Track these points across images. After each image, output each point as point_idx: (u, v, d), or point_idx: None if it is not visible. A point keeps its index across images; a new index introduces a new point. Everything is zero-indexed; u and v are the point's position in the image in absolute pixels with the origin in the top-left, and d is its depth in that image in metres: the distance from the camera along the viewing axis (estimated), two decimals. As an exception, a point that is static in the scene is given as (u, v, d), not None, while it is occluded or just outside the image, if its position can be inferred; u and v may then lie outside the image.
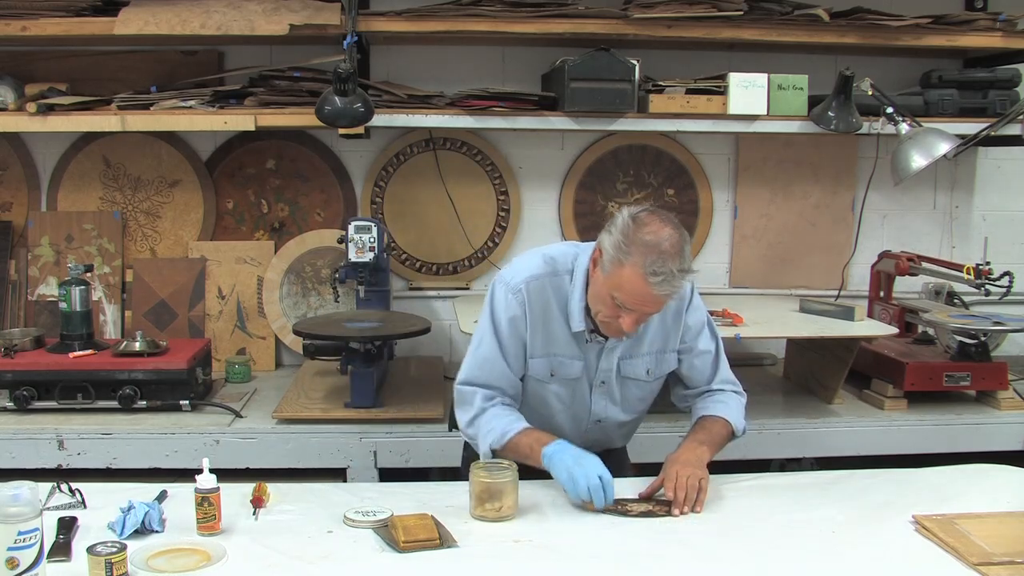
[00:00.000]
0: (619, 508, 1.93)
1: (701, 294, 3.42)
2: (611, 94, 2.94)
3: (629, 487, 2.06)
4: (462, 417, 2.11)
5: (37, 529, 1.49)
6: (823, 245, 3.63)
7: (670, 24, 2.98)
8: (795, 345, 3.33)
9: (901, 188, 3.38)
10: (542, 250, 2.11)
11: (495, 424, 2.04)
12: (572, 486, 1.91)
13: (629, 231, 1.87)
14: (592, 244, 2.00)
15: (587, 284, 2.01)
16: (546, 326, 2.05)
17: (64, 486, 1.96)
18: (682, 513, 1.92)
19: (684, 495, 1.93)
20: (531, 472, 2.13)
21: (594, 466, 1.92)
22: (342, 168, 3.48)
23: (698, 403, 2.20)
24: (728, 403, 2.18)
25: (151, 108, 3.00)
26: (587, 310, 2.02)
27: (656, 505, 1.96)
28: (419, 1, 3.03)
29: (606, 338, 2.04)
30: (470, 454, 2.21)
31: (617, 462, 2.23)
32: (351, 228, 2.99)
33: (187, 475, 1.91)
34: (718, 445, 2.11)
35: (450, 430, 2.37)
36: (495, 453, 2.03)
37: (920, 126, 3.06)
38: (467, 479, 2.00)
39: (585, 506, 1.92)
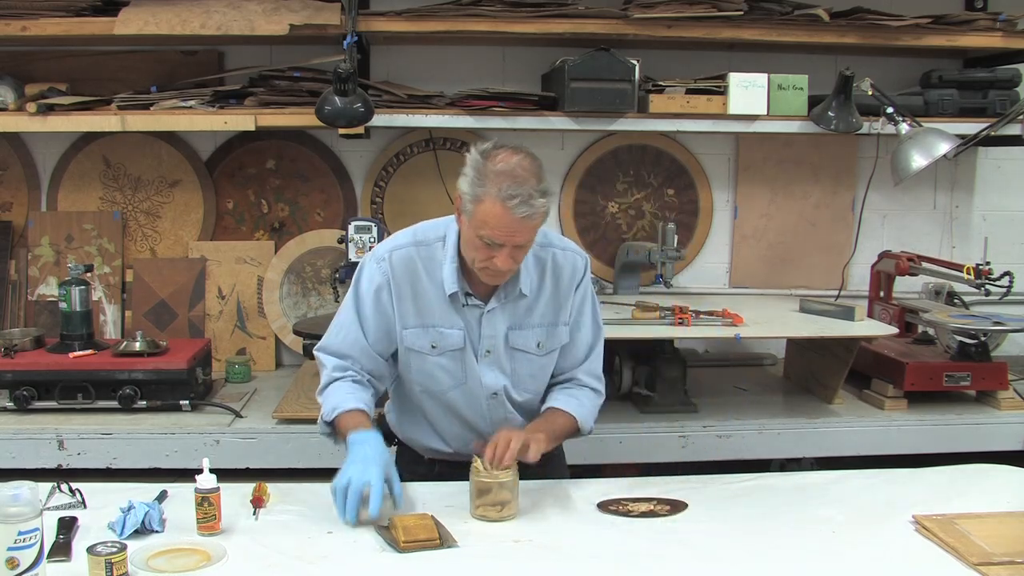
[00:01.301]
0: (620, 508, 1.93)
1: (701, 294, 3.44)
2: (611, 94, 2.94)
3: (629, 487, 2.06)
4: (319, 384, 2.09)
5: (37, 529, 1.49)
6: (823, 245, 3.63)
7: (670, 24, 2.98)
8: (795, 345, 3.33)
9: (901, 188, 3.38)
10: (416, 225, 2.09)
11: (331, 398, 2.02)
12: (337, 482, 1.84)
13: (480, 166, 1.87)
14: None
15: (459, 246, 1.98)
16: (416, 296, 2.01)
17: (64, 486, 1.96)
18: (491, 464, 1.87)
19: (494, 451, 1.88)
20: (531, 472, 2.13)
21: (371, 473, 1.82)
22: (342, 168, 3.48)
23: (554, 392, 2.13)
24: (582, 400, 2.11)
25: (151, 108, 3.00)
26: (461, 272, 1.98)
27: (657, 505, 1.95)
28: (419, 1, 3.03)
29: (484, 302, 2.00)
30: (401, 448, 2.22)
31: (551, 464, 2.12)
32: (351, 228, 2.98)
33: (187, 475, 1.91)
34: (558, 438, 2.07)
35: None
36: (328, 425, 2.02)
37: (920, 126, 3.06)
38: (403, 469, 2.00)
39: (478, 507, 1.88)
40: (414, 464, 2.19)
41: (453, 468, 2.11)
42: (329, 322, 2.98)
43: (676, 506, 1.95)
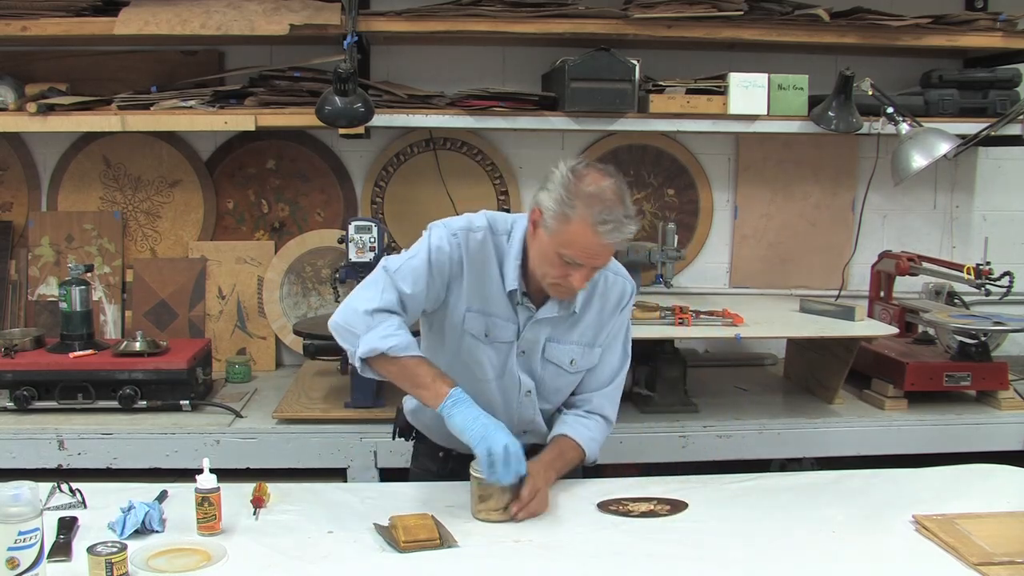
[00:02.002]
0: (620, 508, 1.93)
1: (701, 294, 3.44)
2: (611, 94, 2.94)
3: (629, 487, 2.06)
4: (367, 300, 1.94)
5: (37, 529, 1.49)
6: (823, 245, 3.63)
7: (670, 24, 2.98)
8: (795, 345, 3.33)
9: (901, 188, 3.38)
10: (483, 211, 2.06)
11: (402, 335, 1.91)
12: (483, 443, 1.82)
13: (571, 184, 1.84)
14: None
15: (524, 248, 1.97)
16: (482, 281, 1.99)
17: (64, 486, 1.96)
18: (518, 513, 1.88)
19: (530, 505, 1.89)
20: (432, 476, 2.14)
21: (510, 434, 1.86)
22: (342, 168, 3.48)
23: (568, 416, 2.11)
24: (592, 431, 2.10)
25: (151, 108, 3.00)
26: (522, 273, 1.98)
27: (657, 504, 1.95)
28: (419, 1, 3.03)
29: (536, 307, 2.00)
30: (420, 442, 2.21)
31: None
32: (351, 228, 2.98)
33: (187, 475, 1.91)
34: (565, 471, 2.06)
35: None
36: (374, 359, 1.91)
37: (920, 126, 3.06)
38: (417, 479, 2.02)
39: (480, 507, 1.88)
40: (428, 459, 2.20)
41: (465, 461, 2.10)
42: (328, 322, 3.00)
43: (676, 506, 1.95)
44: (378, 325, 1.92)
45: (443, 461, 2.18)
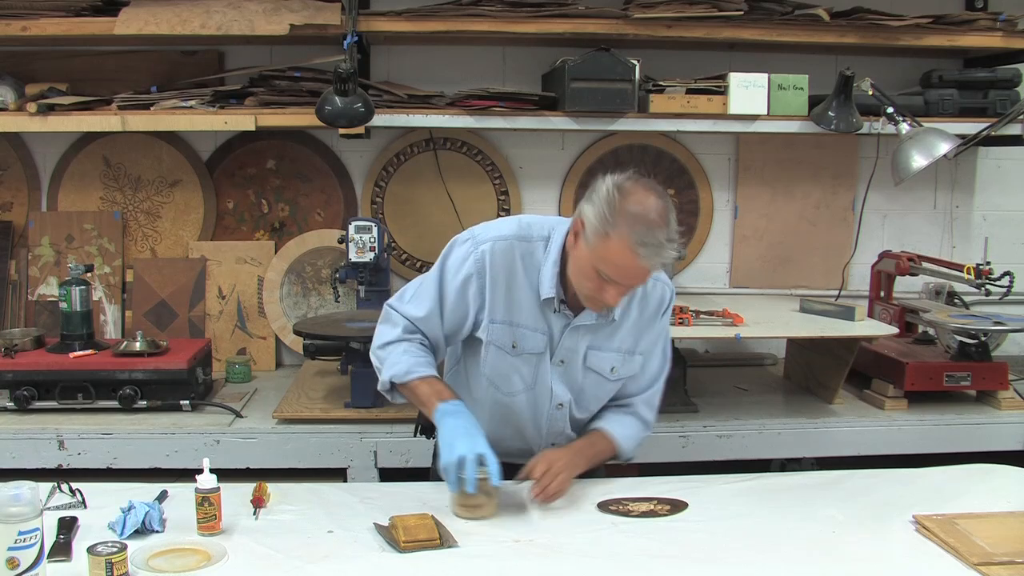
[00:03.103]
0: (620, 508, 1.93)
1: (701, 294, 3.44)
2: (611, 94, 2.94)
3: (629, 487, 2.06)
4: (379, 337, 2.05)
5: (37, 529, 1.49)
6: (823, 245, 3.63)
7: (670, 24, 2.98)
8: (795, 345, 3.33)
9: (901, 188, 3.38)
10: (520, 216, 2.05)
11: (404, 360, 1.99)
12: (447, 453, 1.84)
13: (614, 201, 1.79)
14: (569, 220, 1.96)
15: (563, 255, 1.95)
16: (509, 291, 1.98)
17: (64, 486, 1.96)
18: (536, 496, 1.92)
19: (544, 483, 1.92)
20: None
21: (480, 445, 1.85)
22: (342, 168, 3.48)
23: (607, 412, 2.13)
24: (629, 428, 2.12)
25: (151, 108, 3.00)
26: (559, 281, 1.96)
27: (658, 504, 1.95)
28: (419, 1, 3.03)
29: (574, 314, 1.98)
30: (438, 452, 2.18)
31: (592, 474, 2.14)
32: (351, 228, 2.99)
33: (187, 475, 1.91)
34: (596, 463, 2.08)
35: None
36: (393, 387, 2.01)
37: (920, 126, 3.06)
38: (437, 478, 2.01)
39: (455, 504, 1.89)
40: None
41: None
42: (329, 322, 3.01)
43: (676, 506, 1.95)
44: (388, 357, 2.02)
45: None
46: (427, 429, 2.26)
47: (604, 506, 1.95)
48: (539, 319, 1.99)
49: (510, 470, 2.09)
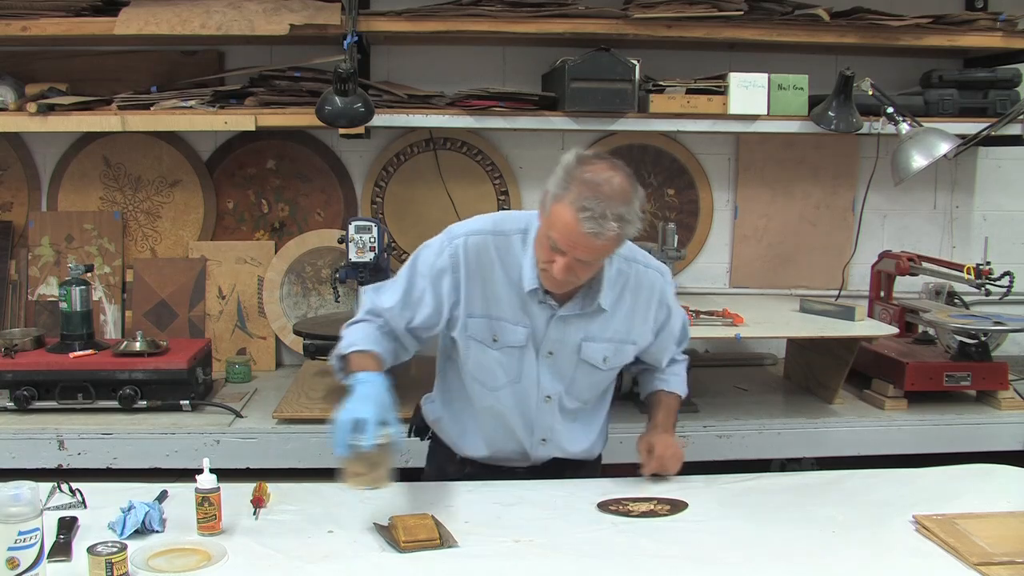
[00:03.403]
0: (620, 508, 1.93)
1: (701, 294, 3.43)
2: (611, 94, 2.94)
3: (629, 487, 2.06)
4: (354, 318, 2.08)
5: (37, 529, 1.49)
6: (823, 245, 3.63)
7: (670, 24, 2.98)
8: (795, 345, 3.33)
9: (901, 188, 3.38)
10: (496, 212, 2.07)
11: (353, 335, 1.99)
12: (342, 414, 1.78)
13: (571, 168, 1.81)
14: None
15: None
16: (486, 285, 1.97)
17: (64, 486, 1.96)
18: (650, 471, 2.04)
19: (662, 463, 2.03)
20: (528, 473, 2.13)
21: (366, 411, 1.76)
22: (342, 168, 3.48)
23: (660, 374, 2.23)
24: (680, 374, 2.25)
25: (151, 108, 3.00)
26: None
27: (658, 504, 1.95)
28: (419, 1, 3.03)
29: (559, 304, 1.97)
30: (435, 443, 2.22)
31: (584, 470, 2.18)
32: (351, 228, 2.98)
33: (187, 475, 1.91)
34: (675, 425, 2.20)
35: None
36: (341, 360, 1.98)
37: (920, 126, 3.06)
38: (429, 478, 2.05)
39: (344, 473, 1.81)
40: (446, 462, 2.18)
41: (483, 471, 2.11)
42: (329, 322, 3.01)
43: (676, 506, 1.95)
44: (344, 335, 2.02)
45: (460, 465, 2.16)
46: (420, 430, 2.26)
47: (604, 506, 1.95)
48: (519, 312, 1.98)
49: (506, 473, 2.11)
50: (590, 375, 2.06)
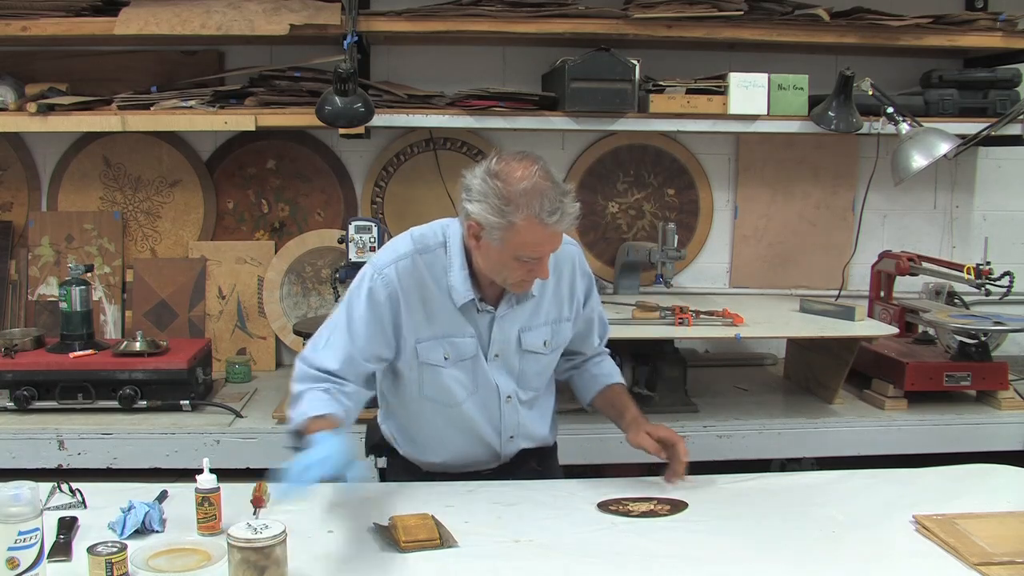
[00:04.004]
0: (620, 508, 1.93)
1: (701, 294, 3.44)
2: (611, 94, 2.94)
3: (629, 487, 2.05)
4: (292, 390, 1.96)
5: (37, 529, 1.49)
6: (823, 245, 3.63)
7: (670, 24, 2.98)
8: (795, 345, 3.33)
9: (901, 188, 3.38)
10: (408, 231, 2.01)
11: (302, 407, 1.89)
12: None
13: (499, 190, 1.79)
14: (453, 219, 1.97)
15: (467, 254, 1.94)
16: (426, 305, 1.95)
17: (64, 486, 1.96)
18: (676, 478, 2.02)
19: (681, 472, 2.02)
20: (529, 473, 2.14)
21: (309, 461, 1.70)
22: (342, 168, 3.48)
23: (591, 368, 2.22)
24: (615, 369, 2.25)
25: (151, 108, 3.00)
26: (472, 280, 1.94)
27: (658, 504, 1.95)
28: (419, 1, 3.03)
29: (494, 306, 1.98)
30: (393, 457, 2.19)
31: (547, 464, 2.20)
32: (351, 228, 2.98)
33: (187, 475, 1.91)
34: None
35: None
36: (296, 436, 1.87)
37: (920, 126, 3.06)
38: (394, 479, 2.05)
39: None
40: (407, 474, 2.16)
41: (449, 479, 2.10)
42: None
43: (676, 506, 1.95)
44: (294, 404, 1.91)
45: (425, 475, 2.14)
46: (376, 448, 2.23)
47: (604, 506, 1.95)
48: (462, 323, 1.98)
49: (472, 476, 2.10)
50: (536, 362, 2.07)
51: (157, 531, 1.78)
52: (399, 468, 2.19)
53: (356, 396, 1.98)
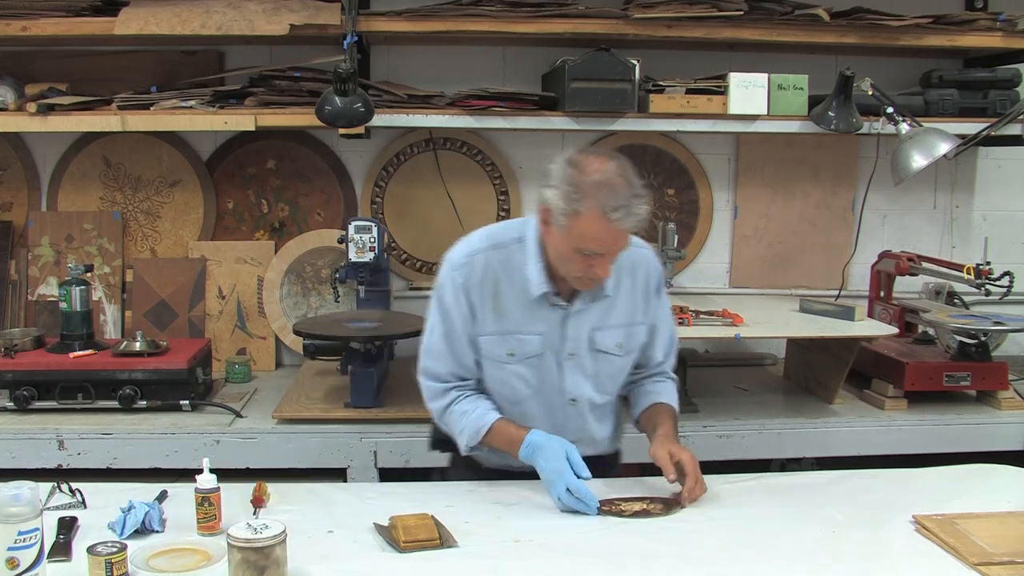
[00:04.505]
0: (613, 508, 1.92)
1: (701, 294, 3.43)
2: (611, 94, 2.94)
3: (629, 487, 2.05)
4: (432, 410, 2.09)
5: (37, 529, 1.49)
6: (823, 245, 3.63)
7: (670, 24, 2.98)
8: (795, 345, 3.33)
9: (901, 188, 3.38)
10: (484, 227, 2.05)
11: (464, 423, 2.02)
12: (557, 492, 1.91)
13: (573, 178, 1.81)
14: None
15: (542, 248, 1.95)
16: (496, 300, 1.98)
17: (64, 486, 1.96)
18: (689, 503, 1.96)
19: (698, 492, 1.96)
20: (530, 473, 2.13)
21: (559, 475, 1.90)
22: (342, 168, 3.48)
23: (647, 384, 2.18)
24: (672, 390, 2.19)
25: (151, 108, 3.00)
26: (547, 272, 1.96)
27: (651, 504, 1.94)
28: (419, 1, 3.03)
29: (568, 302, 1.98)
30: (457, 455, 2.17)
31: (610, 473, 2.17)
32: (351, 228, 2.99)
33: (187, 475, 1.92)
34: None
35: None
36: (476, 447, 2.03)
37: (920, 126, 3.06)
38: (456, 478, 2.03)
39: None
40: (469, 472, 2.16)
41: (512, 479, 2.10)
42: (329, 322, 3.01)
43: (669, 505, 1.94)
44: (451, 425, 2.05)
45: (486, 473, 2.14)
46: (441, 443, 2.23)
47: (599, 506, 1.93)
48: (532, 321, 1.99)
49: (530, 476, 2.08)
50: (609, 365, 2.07)
51: (157, 531, 1.78)
52: (461, 466, 2.19)
53: (484, 391, 2.08)
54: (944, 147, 2.96)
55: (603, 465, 2.15)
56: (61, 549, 1.68)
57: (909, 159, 2.98)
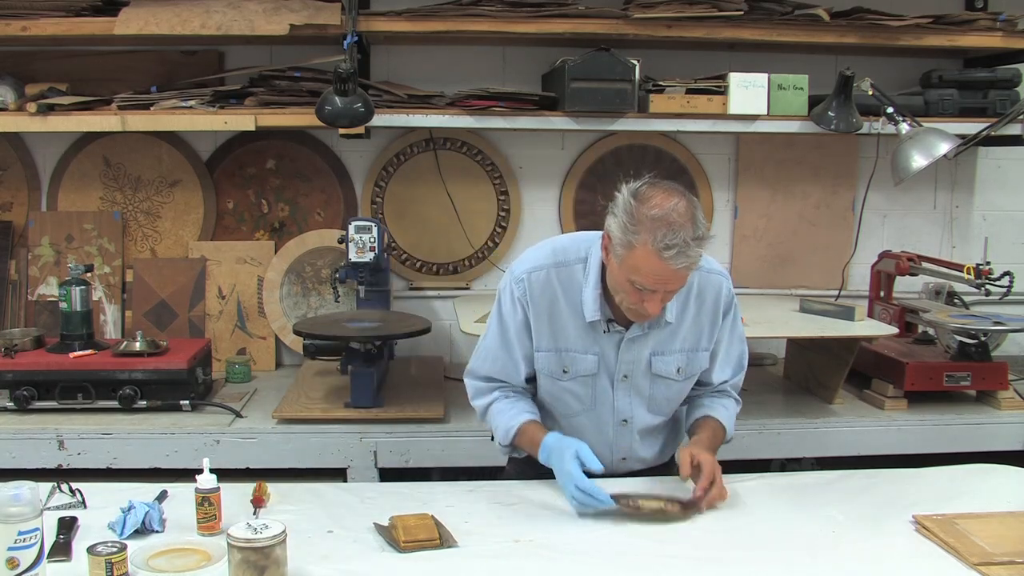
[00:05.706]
0: (631, 504, 1.90)
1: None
2: (611, 94, 2.94)
3: (629, 487, 2.04)
4: (476, 408, 2.14)
5: (37, 529, 1.49)
6: (823, 245, 3.63)
7: (670, 24, 2.98)
8: (795, 345, 3.33)
9: (901, 188, 3.38)
10: (553, 240, 2.06)
11: (499, 422, 2.05)
12: (571, 493, 1.90)
13: (632, 208, 1.79)
14: None
15: (603, 272, 1.95)
16: (553, 318, 1.99)
17: (64, 486, 1.96)
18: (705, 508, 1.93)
19: (713, 495, 1.93)
20: (530, 473, 2.14)
21: (569, 476, 1.89)
22: (342, 168, 3.48)
23: (705, 399, 2.16)
24: (729, 409, 2.16)
25: (151, 108, 3.00)
26: (603, 298, 1.96)
27: (669, 504, 1.91)
28: (419, 1, 3.03)
29: (625, 328, 1.98)
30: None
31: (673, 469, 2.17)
32: (351, 228, 2.99)
33: (187, 475, 1.91)
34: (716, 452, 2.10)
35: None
36: (508, 447, 2.08)
37: (920, 126, 3.06)
38: (509, 477, 2.06)
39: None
40: (531, 469, 2.13)
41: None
42: (329, 322, 3.01)
43: (687, 506, 1.91)
44: (490, 422, 2.10)
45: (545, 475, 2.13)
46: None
47: (616, 498, 1.88)
48: (588, 341, 2.00)
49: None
50: (667, 388, 2.07)
51: (157, 531, 1.78)
52: (523, 463, 2.19)
53: (527, 394, 2.11)
54: (944, 147, 2.97)
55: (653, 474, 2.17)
56: (61, 549, 1.68)
57: (909, 159, 2.98)
